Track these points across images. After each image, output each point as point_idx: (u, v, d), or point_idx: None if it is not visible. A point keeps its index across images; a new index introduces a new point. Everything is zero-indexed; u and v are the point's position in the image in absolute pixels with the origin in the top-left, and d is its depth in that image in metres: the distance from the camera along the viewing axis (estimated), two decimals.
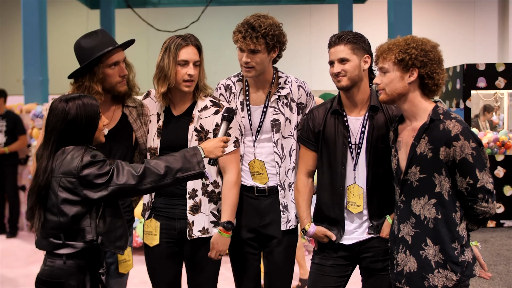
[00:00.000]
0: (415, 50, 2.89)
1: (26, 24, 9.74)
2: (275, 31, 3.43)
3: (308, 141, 3.46)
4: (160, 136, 3.48)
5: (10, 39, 19.06)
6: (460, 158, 2.81)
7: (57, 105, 2.90)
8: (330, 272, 3.44)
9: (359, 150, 3.32)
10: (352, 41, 3.25)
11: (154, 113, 3.55)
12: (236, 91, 3.66)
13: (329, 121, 3.38)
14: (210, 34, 13.51)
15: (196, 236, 3.44)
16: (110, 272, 3.51)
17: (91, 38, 3.31)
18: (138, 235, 6.88)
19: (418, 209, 2.95)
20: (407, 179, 2.98)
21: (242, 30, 3.40)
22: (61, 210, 2.82)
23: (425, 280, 2.93)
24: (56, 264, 2.87)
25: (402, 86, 2.95)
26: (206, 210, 3.47)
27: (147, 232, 3.51)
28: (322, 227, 3.42)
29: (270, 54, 3.49)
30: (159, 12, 17.14)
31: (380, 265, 3.39)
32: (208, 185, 3.46)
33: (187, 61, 3.37)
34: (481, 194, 2.85)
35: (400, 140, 3.07)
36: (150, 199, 3.52)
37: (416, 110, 2.98)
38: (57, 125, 2.87)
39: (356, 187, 3.32)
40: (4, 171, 8.72)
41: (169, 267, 3.57)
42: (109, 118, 3.42)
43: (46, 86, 9.98)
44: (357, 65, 3.25)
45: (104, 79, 3.30)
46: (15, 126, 8.71)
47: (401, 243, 3.03)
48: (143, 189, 2.88)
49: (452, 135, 2.81)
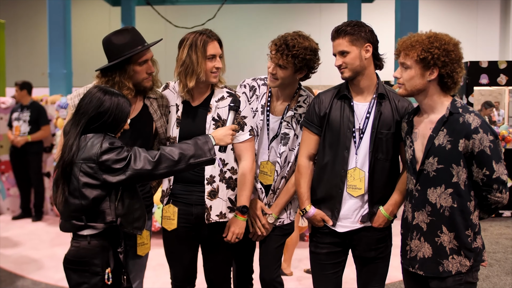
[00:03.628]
0: (438, 50, 2.84)
1: (52, 21, 9.77)
2: (307, 55, 3.41)
3: (312, 124, 3.43)
4: (179, 126, 3.49)
5: (35, 36, 19.14)
6: (479, 150, 2.79)
7: (95, 93, 2.94)
8: (326, 260, 3.46)
9: (362, 135, 3.29)
10: (350, 32, 3.20)
11: (173, 104, 3.56)
12: (260, 94, 3.68)
13: (335, 105, 3.35)
14: (225, 31, 13.62)
15: (213, 220, 3.46)
16: (129, 254, 3.53)
17: (123, 35, 3.31)
18: (157, 220, 6.90)
19: (434, 198, 2.93)
20: (423, 169, 2.96)
21: (277, 44, 3.44)
22: (82, 194, 2.86)
23: (439, 266, 2.93)
24: (81, 244, 2.91)
25: (421, 83, 2.92)
26: (224, 196, 3.48)
27: (165, 217, 3.52)
28: (321, 211, 3.41)
29: (296, 73, 3.49)
30: (177, 9, 17.14)
31: (373, 254, 3.40)
32: (226, 172, 3.48)
33: (214, 55, 3.39)
34: (496, 185, 2.83)
35: (416, 131, 3.04)
36: (169, 186, 3.53)
37: (434, 104, 2.96)
38: (89, 111, 2.91)
39: (357, 170, 3.29)
40: (29, 159, 8.76)
41: (186, 250, 3.59)
42: (131, 108, 3.43)
43: (70, 79, 10.02)
44: (357, 56, 3.21)
45: (133, 76, 3.33)
46: (38, 116, 8.76)
47: (415, 230, 3.02)
48: (158, 174, 2.92)
49: (472, 128, 2.79)
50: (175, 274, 3.66)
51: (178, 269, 3.63)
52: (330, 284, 3.48)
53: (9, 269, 6.31)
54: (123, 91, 3.23)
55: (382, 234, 3.39)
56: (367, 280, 3.48)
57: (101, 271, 2.90)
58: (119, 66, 3.29)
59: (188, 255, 3.61)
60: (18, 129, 8.67)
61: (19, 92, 8.77)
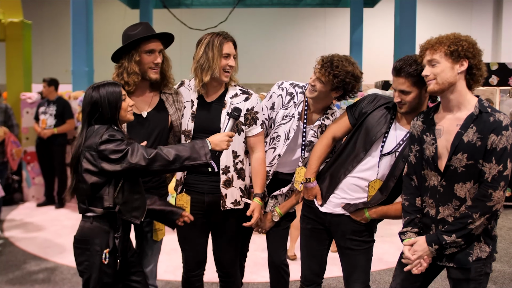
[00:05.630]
0: (465, 42, 2.78)
1: (75, 22, 9.78)
2: (346, 79, 3.39)
3: (353, 112, 3.43)
4: (194, 120, 3.50)
5: (59, 36, 19.17)
6: (503, 146, 2.71)
7: (86, 92, 3.05)
8: (311, 236, 3.54)
9: (387, 155, 3.25)
10: (413, 74, 3.04)
11: (188, 100, 3.57)
12: (298, 101, 3.68)
13: (377, 112, 3.32)
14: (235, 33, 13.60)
15: (229, 207, 3.49)
16: (146, 239, 3.59)
17: (136, 27, 3.39)
18: None
19: (463, 192, 2.84)
20: (450, 165, 2.85)
21: (324, 60, 3.45)
22: (83, 178, 2.96)
23: (469, 256, 2.85)
24: (85, 224, 3.01)
25: (452, 76, 2.80)
26: (237, 185, 3.52)
27: (179, 205, 3.53)
28: (319, 188, 3.46)
29: (332, 91, 3.49)
30: (191, 12, 17.12)
31: (348, 244, 3.40)
32: (238, 163, 3.50)
33: (229, 54, 3.42)
34: (503, 182, 2.74)
35: (440, 128, 2.92)
36: (183, 176, 3.55)
37: (462, 101, 2.85)
38: (86, 108, 3.02)
39: (378, 182, 3.29)
40: (53, 150, 8.81)
41: (197, 236, 3.60)
42: (148, 103, 3.49)
43: (92, 76, 10.03)
44: (417, 95, 3.10)
45: (140, 62, 3.38)
46: (63, 110, 8.80)
47: (440, 223, 2.92)
48: (153, 171, 2.97)
49: (503, 125, 2.71)
50: (186, 258, 3.67)
51: (190, 254, 3.64)
52: (313, 259, 3.56)
53: (33, 252, 6.36)
54: (131, 76, 3.34)
55: (359, 228, 3.38)
56: (349, 273, 3.45)
57: (100, 250, 2.96)
58: (127, 52, 3.37)
59: (199, 240, 3.62)
60: (44, 122, 8.72)
61: (47, 88, 8.82)
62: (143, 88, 3.49)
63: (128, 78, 3.35)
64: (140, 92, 3.49)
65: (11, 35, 10.09)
